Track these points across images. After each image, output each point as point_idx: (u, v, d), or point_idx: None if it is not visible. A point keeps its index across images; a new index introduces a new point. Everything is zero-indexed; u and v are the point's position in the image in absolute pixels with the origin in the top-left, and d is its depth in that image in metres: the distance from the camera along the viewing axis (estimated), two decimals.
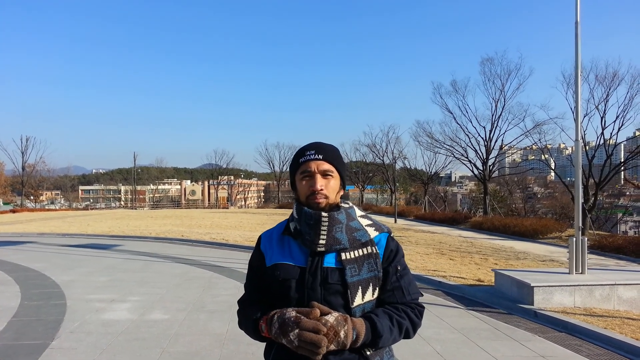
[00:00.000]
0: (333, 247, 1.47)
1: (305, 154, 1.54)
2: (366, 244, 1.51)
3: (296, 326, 1.31)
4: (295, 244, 1.53)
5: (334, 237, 1.47)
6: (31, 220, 27.42)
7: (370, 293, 1.48)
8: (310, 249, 1.48)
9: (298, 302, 1.44)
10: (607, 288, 6.95)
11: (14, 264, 10.75)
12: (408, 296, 1.53)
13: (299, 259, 1.50)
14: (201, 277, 9.37)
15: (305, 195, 1.52)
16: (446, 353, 5.00)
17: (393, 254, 1.55)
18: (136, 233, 18.56)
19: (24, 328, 5.70)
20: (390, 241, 1.57)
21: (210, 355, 4.86)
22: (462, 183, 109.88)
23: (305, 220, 1.48)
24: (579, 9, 8.04)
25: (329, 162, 1.53)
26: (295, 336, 1.30)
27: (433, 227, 23.74)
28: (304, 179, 1.53)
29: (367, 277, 1.47)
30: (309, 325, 1.30)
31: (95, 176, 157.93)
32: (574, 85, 20.61)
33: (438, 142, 34.96)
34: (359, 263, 1.47)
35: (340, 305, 1.43)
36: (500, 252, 13.55)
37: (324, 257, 1.48)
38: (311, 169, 1.51)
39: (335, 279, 1.45)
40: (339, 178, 1.56)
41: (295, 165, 1.56)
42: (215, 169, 70.00)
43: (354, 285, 1.44)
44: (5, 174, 50.37)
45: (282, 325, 1.34)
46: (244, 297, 1.64)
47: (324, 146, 1.57)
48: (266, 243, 1.61)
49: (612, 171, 23.35)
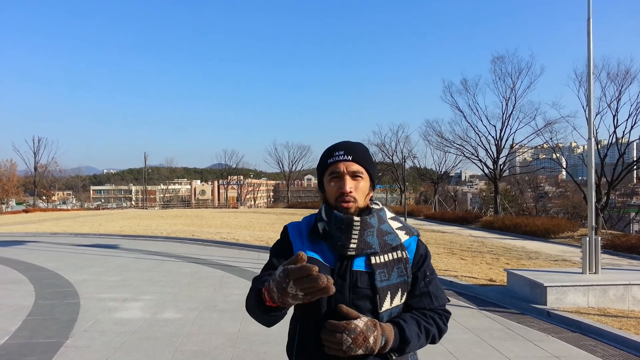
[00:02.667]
0: (364, 251, 1.43)
1: (334, 154, 1.48)
2: (396, 248, 1.47)
3: (287, 277, 1.13)
4: (324, 244, 1.48)
5: (365, 241, 1.43)
6: (44, 220, 27.70)
7: (399, 298, 1.45)
8: (340, 252, 1.44)
9: (327, 304, 1.38)
10: (622, 288, 6.88)
11: (27, 263, 10.87)
12: (436, 302, 1.50)
13: (329, 259, 1.45)
14: (212, 276, 9.41)
15: (334, 197, 1.47)
16: (458, 353, 4.98)
17: (422, 259, 1.52)
18: (147, 233, 18.65)
19: (39, 327, 5.76)
20: (420, 245, 1.53)
21: (222, 354, 4.88)
22: (472, 182, 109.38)
23: (336, 224, 1.44)
24: (591, 6, 7.98)
25: (359, 163, 1.48)
26: (292, 289, 1.12)
27: (443, 226, 23.63)
28: (332, 180, 1.48)
29: (396, 283, 1.44)
30: (296, 270, 1.11)
31: (106, 176, 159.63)
32: (585, 83, 20.46)
33: (448, 141, 34.91)
34: (389, 268, 1.44)
35: (368, 309, 1.40)
36: (512, 251, 13.45)
37: (353, 260, 1.43)
38: (340, 170, 1.46)
39: (364, 283, 1.41)
40: (369, 179, 1.51)
41: (323, 166, 1.51)
42: (224, 169, 70.27)
43: (383, 290, 1.41)
44: (18, 175, 50.81)
45: (278, 285, 1.16)
46: (257, 276, 1.49)
47: (353, 146, 1.51)
48: (296, 234, 1.54)
49: (624, 170, 23.17)
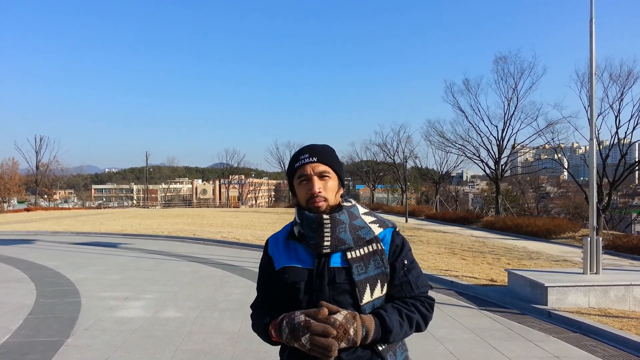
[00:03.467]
0: (338, 248, 1.47)
1: (300, 158, 1.54)
2: (371, 242, 1.51)
3: (307, 330, 1.32)
4: (301, 246, 1.54)
5: (338, 238, 1.47)
6: (45, 218, 27.76)
7: (379, 290, 1.48)
8: (315, 251, 1.49)
9: (308, 304, 1.45)
10: (623, 288, 6.87)
11: (29, 262, 10.89)
12: (417, 290, 1.53)
13: (306, 261, 1.51)
14: (213, 275, 9.42)
15: (304, 199, 1.52)
16: (459, 353, 4.98)
17: (399, 249, 1.55)
18: (148, 232, 18.70)
19: (40, 325, 5.77)
20: (395, 236, 1.56)
21: (223, 353, 4.88)
22: (474, 182, 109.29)
23: (307, 225, 1.49)
24: (593, 6, 7.96)
25: (324, 163, 1.53)
26: (306, 340, 1.32)
27: (444, 226, 23.62)
28: (301, 184, 1.53)
29: (374, 274, 1.47)
30: (319, 329, 1.31)
31: (107, 175, 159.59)
32: (587, 83, 20.44)
33: (449, 141, 34.83)
34: (365, 261, 1.48)
35: (349, 304, 1.44)
36: (513, 252, 13.43)
37: (330, 257, 1.48)
38: (307, 173, 1.51)
39: (342, 278, 1.46)
40: (337, 177, 1.56)
41: (291, 171, 1.57)
42: (226, 168, 70.37)
43: (361, 283, 1.45)
44: (20, 173, 50.86)
45: (292, 331, 1.35)
46: (256, 300, 1.66)
47: (317, 148, 1.57)
48: (273, 247, 1.62)
49: (626, 170, 23.09)
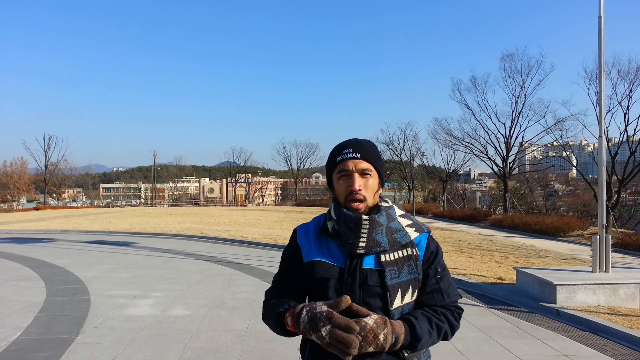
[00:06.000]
0: (373, 249, 1.43)
1: (342, 152, 1.49)
2: (406, 246, 1.48)
3: (328, 322, 1.26)
4: (333, 243, 1.49)
5: (374, 240, 1.43)
6: (54, 217, 27.99)
7: (410, 295, 1.45)
8: (349, 251, 1.45)
9: None
10: (632, 287, 6.82)
11: (39, 260, 10.99)
12: (448, 299, 1.50)
13: (338, 259, 1.46)
14: (221, 273, 9.46)
15: (343, 195, 1.47)
16: (467, 351, 4.97)
17: (433, 256, 1.51)
18: (156, 230, 18.78)
19: (50, 323, 5.83)
20: (430, 242, 1.53)
21: (231, 351, 4.90)
22: (481, 180, 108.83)
23: (345, 223, 1.44)
24: (602, 4, 7.89)
25: (367, 160, 1.48)
26: (326, 332, 1.25)
27: (452, 224, 23.53)
28: (341, 178, 1.48)
29: (406, 280, 1.44)
30: (341, 322, 1.25)
31: (115, 174, 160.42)
32: (596, 80, 20.28)
33: (457, 139, 34.57)
34: (399, 265, 1.44)
35: (378, 307, 1.41)
36: (521, 250, 13.36)
37: (363, 258, 1.44)
38: (349, 168, 1.46)
39: (374, 281, 1.42)
40: (378, 177, 1.51)
41: (332, 164, 1.51)
42: (233, 167, 70.49)
43: (393, 287, 1.41)
44: (29, 172, 51.28)
45: (312, 320, 1.29)
46: (273, 288, 1.59)
47: (361, 143, 1.51)
48: (303, 237, 1.57)
49: (635, 168, 22.86)
